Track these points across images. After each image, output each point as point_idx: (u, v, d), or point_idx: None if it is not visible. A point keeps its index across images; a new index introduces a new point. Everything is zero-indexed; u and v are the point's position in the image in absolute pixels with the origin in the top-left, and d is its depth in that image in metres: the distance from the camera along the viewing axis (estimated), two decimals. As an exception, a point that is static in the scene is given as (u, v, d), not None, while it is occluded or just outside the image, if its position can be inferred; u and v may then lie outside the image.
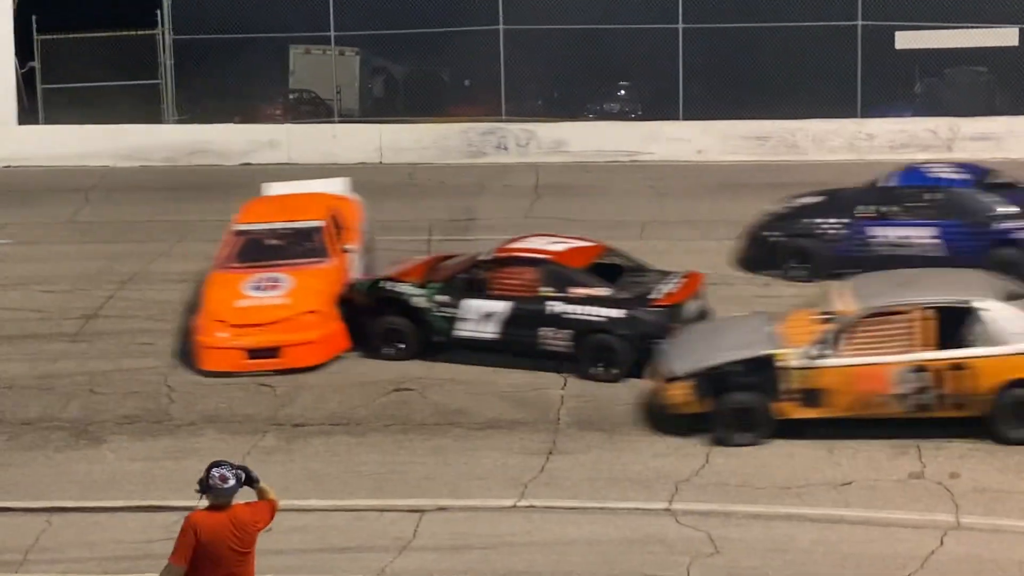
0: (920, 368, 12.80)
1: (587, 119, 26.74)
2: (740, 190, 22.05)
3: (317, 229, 16.60)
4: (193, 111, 25.39)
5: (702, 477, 12.61)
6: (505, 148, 24.00)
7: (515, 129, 24.74)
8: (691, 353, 13.61)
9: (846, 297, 13.56)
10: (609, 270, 15.75)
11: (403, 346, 15.65)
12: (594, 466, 12.95)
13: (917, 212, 17.55)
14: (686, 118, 25.00)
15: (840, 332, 13.06)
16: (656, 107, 26.21)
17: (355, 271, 16.57)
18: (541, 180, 21.54)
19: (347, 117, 26.41)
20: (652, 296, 15.19)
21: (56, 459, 13.61)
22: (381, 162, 24.46)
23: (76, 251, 19.78)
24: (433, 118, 25.90)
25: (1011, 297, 13.39)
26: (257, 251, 16.51)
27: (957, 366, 12.77)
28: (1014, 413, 12.78)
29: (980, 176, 18.25)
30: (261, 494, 8.98)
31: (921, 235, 17.39)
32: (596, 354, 15.03)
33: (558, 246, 15.89)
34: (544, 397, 14.61)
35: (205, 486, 8.71)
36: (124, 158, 24.13)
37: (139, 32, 24.84)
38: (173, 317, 17.00)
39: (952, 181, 17.98)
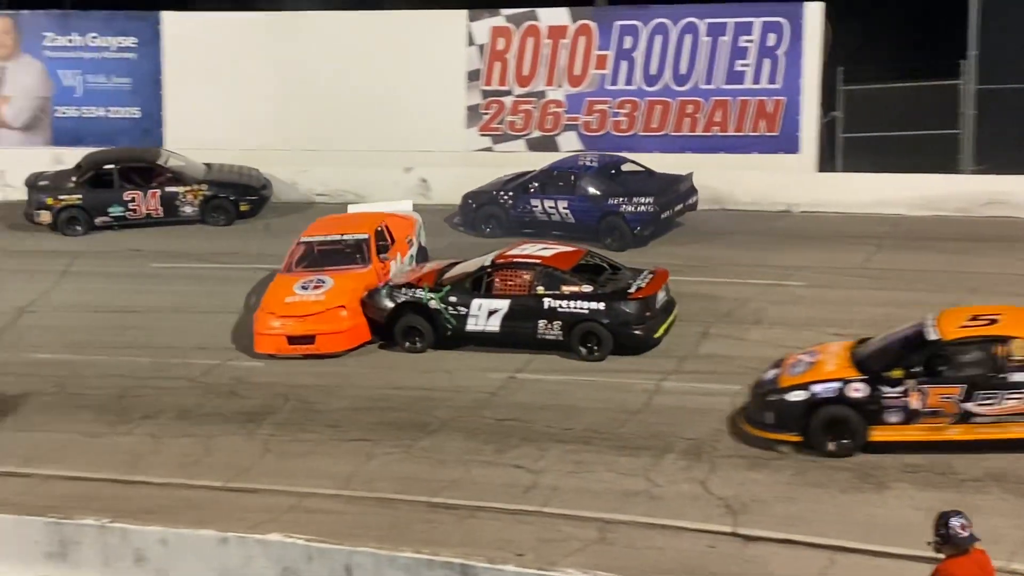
0: None
1: None
2: None
3: (362, 241, 20.09)
4: (991, 161, 24.86)
5: None
6: None
7: None
8: None
9: None
10: (593, 270, 18.80)
11: (420, 341, 18.74)
12: None
13: (559, 189, 23.22)
14: None
15: None
16: None
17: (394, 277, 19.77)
18: None
19: None
20: (628, 290, 18.05)
21: (840, 499, 14.04)
22: None
23: (865, 296, 20.09)
24: None
25: None
26: (313, 258, 20.08)
27: None
28: None
29: (607, 164, 23.76)
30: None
31: (559, 206, 23.10)
32: (583, 341, 17.98)
33: (547, 251, 18.86)
34: None
35: (946, 537, 8.91)
36: (917, 207, 24.18)
37: (941, 82, 24.84)
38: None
39: (584, 167, 23.45)
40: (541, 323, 18.22)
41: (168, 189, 25.26)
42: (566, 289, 18.25)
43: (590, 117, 26.51)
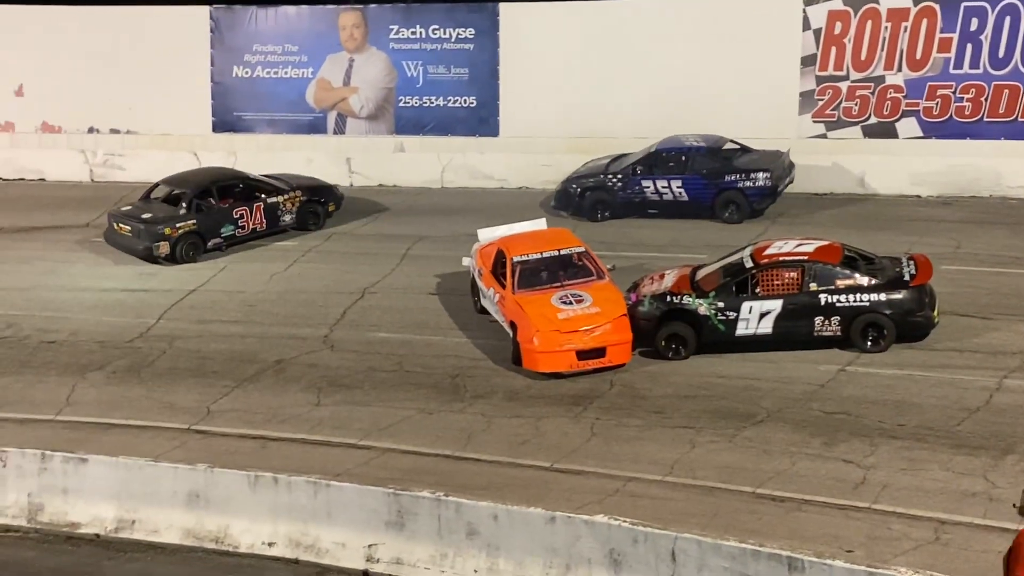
0: None
1: None
2: None
3: (582, 253, 19.69)
4: None
5: None
6: None
7: None
8: None
9: None
10: (851, 261, 18.38)
11: (683, 349, 18.44)
12: None
13: (670, 169, 24.28)
14: None
15: None
16: None
17: None
18: None
19: None
20: (903, 278, 17.92)
21: None
22: None
23: None
24: None
25: None
26: (536, 276, 19.32)
27: None
28: None
29: (714, 143, 24.64)
30: None
31: (672, 185, 24.19)
32: (865, 333, 17.81)
33: (806, 247, 18.49)
34: None
35: None
36: None
37: None
38: None
39: (694, 148, 24.41)
40: (818, 320, 17.99)
41: (270, 200, 25.31)
42: (840, 283, 17.97)
43: (931, 102, 25.53)
